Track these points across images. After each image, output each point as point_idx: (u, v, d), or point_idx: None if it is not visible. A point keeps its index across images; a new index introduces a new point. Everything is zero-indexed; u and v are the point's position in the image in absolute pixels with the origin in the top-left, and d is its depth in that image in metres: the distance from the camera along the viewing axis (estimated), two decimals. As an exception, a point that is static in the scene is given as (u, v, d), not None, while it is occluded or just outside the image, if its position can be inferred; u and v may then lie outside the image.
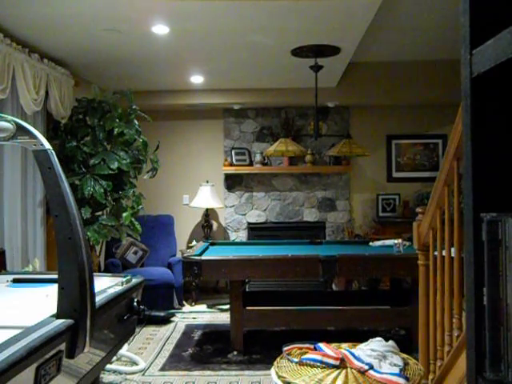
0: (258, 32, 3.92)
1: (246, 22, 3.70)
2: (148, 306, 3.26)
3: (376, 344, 2.39)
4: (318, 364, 2.21)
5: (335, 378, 2.09)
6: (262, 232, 6.51)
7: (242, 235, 6.57)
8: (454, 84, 2.09)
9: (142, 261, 5.67)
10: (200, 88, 5.90)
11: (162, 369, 3.85)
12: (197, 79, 5.49)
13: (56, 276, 1.80)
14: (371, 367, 2.15)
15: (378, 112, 6.48)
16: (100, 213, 4.75)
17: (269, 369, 2.42)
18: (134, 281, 2.70)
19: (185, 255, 4.16)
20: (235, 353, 4.07)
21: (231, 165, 6.39)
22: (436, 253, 2.41)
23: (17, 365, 1.39)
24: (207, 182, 6.32)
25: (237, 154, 6.45)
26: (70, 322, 1.74)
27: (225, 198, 6.56)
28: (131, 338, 4.23)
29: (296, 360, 2.26)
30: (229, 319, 4.14)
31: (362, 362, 2.19)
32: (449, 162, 2.20)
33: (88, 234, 4.35)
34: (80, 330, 1.77)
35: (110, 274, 3.08)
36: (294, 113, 6.52)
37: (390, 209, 6.45)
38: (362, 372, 2.13)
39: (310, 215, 6.55)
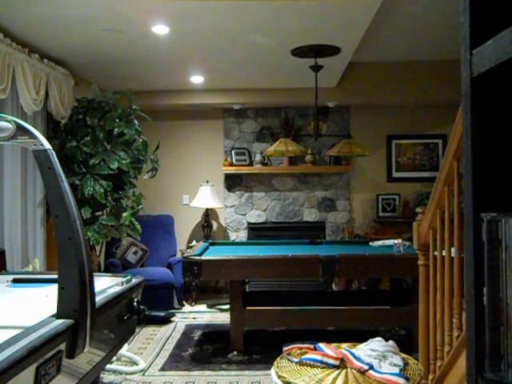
0: (258, 32, 3.92)
1: (245, 22, 3.70)
2: (148, 306, 3.26)
3: (376, 344, 2.39)
4: (318, 364, 2.21)
5: (335, 378, 2.09)
6: (262, 232, 6.51)
7: (242, 235, 6.57)
8: (454, 84, 2.09)
9: (142, 261, 5.68)
10: (200, 88, 5.90)
11: (162, 369, 3.85)
12: (197, 79, 5.49)
13: (56, 276, 1.80)
14: (371, 367, 2.15)
15: (378, 112, 6.48)
16: (100, 213, 4.75)
17: (269, 369, 2.43)
18: (134, 281, 2.70)
19: (185, 255, 4.16)
20: (235, 353, 4.07)
21: (231, 165, 6.39)
22: (436, 253, 2.41)
23: (17, 365, 1.39)
24: (207, 182, 6.32)
25: (237, 153, 6.45)
26: (70, 321, 1.74)
27: (225, 198, 6.56)
28: (131, 338, 4.23)
29: (296, 360, 2.26)
30: (229, 319, 4.14)
31: (362, 361, 2.19)
32: (449, 161, 2.20)
33: (88, 234, 4.36)
34: (80, 330, 1.77)
35: (110, 274, 3.08)
36: (293, 113, 6.52)
37: (390, 209, 6.45)
38: (362, 372, 2.13)
39: (309, 215, 6.55)
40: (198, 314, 5.47)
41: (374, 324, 4.34)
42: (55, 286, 1.81)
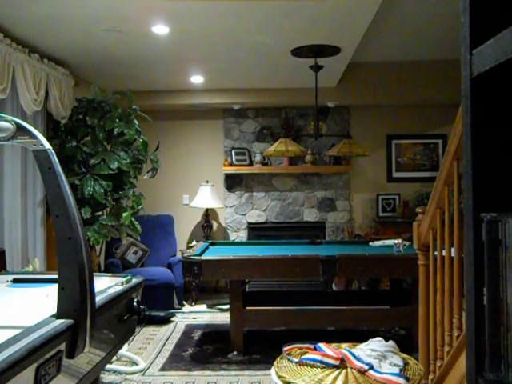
0: (257, 32, 3.92)
1: (245, 22, 3.70)
2: (148, 306, 3.27)
3: (376, 344, 2.39)
4: (318, 364, 2.21)
5: (335, 378, 2.09)
6: (261, 232, 6.51)
7: (242, 235, 6.57)
8: (454, 84, 2.09)
9: (142, 261, 5.67)
10: (200, 88, 5.90)
11: (162, 369, 3.85)
12: (197, 79, 5.49)
13: (56, 276, 1.80)
14: (371, 367, 2.14)
15: (378, 112, 6.48)
16: (100, 213, 4.75)
17: (269, 369, 2.43)
18: (134, 281, 2.70)
19: (185, 255, 4.16)
20: (235, 353, 4.06)
21: (231, 165, 6.39)
22: (436, 253, 2.41)
23: (17, 365, 1.39)
24: (207, 182, 6.32)
25: (237, 153, 6.45)
26: (69, 321, 1.74)
27: (225, 198, 6.56)
28: (131, 338, 4.23)
29: (296, 360, 2.26)
30: (229, 319, 4.13)
31: (362, 362, 2.19)
32: (449, 161, 2.20)
33: (88, 234, 4.35)
34: (80, 330, 1.76)
35: (110, 274, 3.07)
36: (293, 113, 6.52)
37: (390, 209, 6.45)
38: (362, 372, 2.13)
39: (310, 215, 6.55)
40: (198, 314, 5.47)
41: (373, 324, 4.33)
42: (55, 286, 1.81)
